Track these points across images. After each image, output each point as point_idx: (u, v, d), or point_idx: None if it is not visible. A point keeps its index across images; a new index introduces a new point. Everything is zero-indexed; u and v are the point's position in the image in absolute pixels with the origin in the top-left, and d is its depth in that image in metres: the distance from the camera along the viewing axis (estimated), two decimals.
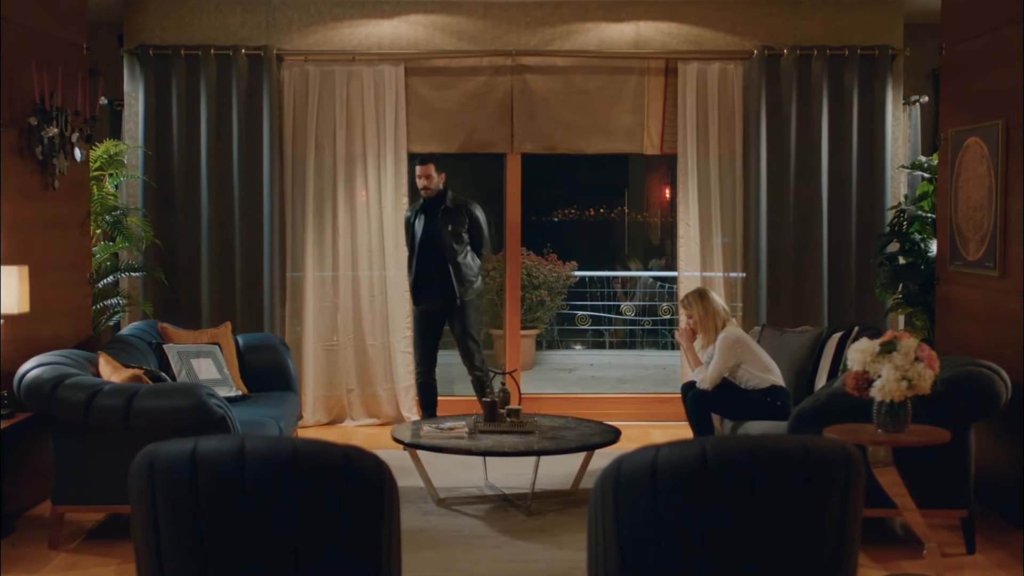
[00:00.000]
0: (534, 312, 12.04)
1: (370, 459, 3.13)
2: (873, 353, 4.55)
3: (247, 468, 2.98)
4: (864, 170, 7.95)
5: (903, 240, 7.24)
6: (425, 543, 5.25)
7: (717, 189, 8.10)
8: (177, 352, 6.36)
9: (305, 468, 3.00)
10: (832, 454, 3.12)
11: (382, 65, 8.01)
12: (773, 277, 7.99)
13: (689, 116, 8.02)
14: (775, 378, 6.15)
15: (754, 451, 3.06)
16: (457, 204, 7.40)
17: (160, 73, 7.87)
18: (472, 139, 8.17)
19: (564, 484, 6.17)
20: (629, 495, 3.08)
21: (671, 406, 8.03)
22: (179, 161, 7.89)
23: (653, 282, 13.51)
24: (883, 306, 7.69)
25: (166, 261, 7.83)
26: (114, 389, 5.04)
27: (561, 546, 5.22)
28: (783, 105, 7.96)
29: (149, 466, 3.06)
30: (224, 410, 5.10)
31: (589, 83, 8.12)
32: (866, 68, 7.93)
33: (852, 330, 6.41)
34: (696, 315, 6.28)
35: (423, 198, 7.39)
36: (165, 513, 3.03)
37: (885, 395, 4.52)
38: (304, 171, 8.05)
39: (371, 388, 8.13)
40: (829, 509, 3.08)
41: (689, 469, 3.00)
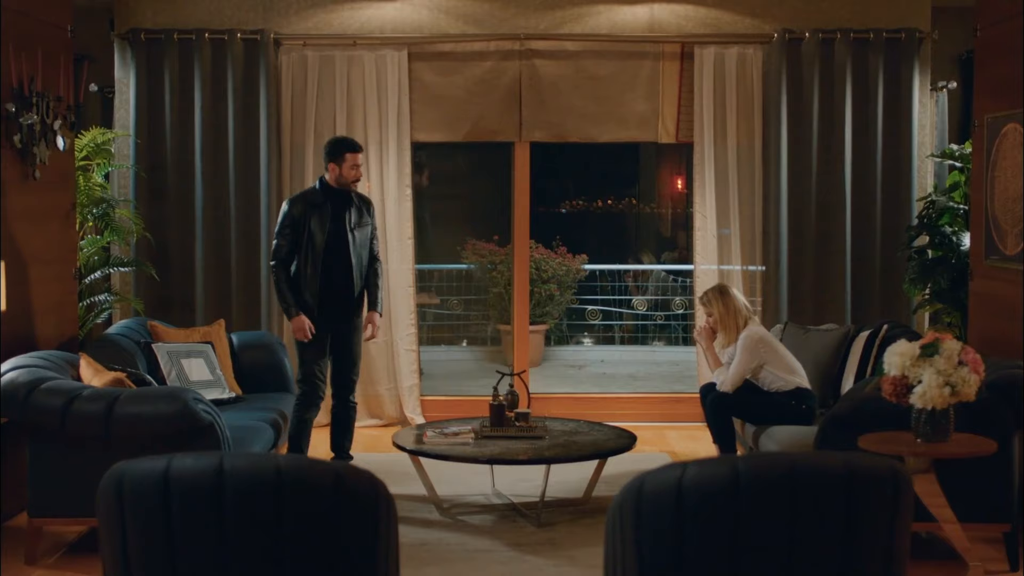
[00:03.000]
0: (543, 307, 11.78)
1: (363, 478, 2.85)
2: (913, 356, 4.22)
3: (226, 489, 2.70)
4: (890, 159, 7.68)
5: (933, 233, 6.94)
6: (427, 558, 4.94)
7: (735, 179, 7.84)
8: (167, 352, 6.06)
9: (291, 490, 2.72)
10: (879, 473, 2.82)
11: (384, 50, 7.74)
12: (794, 271, 7.73)
13: (706, 103, 7.75)
14: (800, 380, 5.84)
15: (792, 470, 2.77)
16: (363, 200, 6.36)
17: (152, 58, 7.60)
18: (479, 127, 7.90)
19: (576, 492, 5.86)
20: (652, 518, 2.82)
21: (687, 406, 7.83)
22: (172, 151, 7.63)
23: (666, 276, 13.23)
24: (910, 302, 7.40)
25: (158, 255, 7.58)
26: (94, 394, 4.74)
27: (573, 561, 4.91)
28: (805, 91, 7.68)
29: (117, 486, 2.79)
30: (212, 416, 4.79)
31: (601, 68, 7.84)
32: (892, 52, 7.65)
33: (880, 328, 6.13)
34: (716, 313, 5.98)
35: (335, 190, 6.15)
36: (135, 539, 2.76)
37: (926, 402, 4.19)
38: (303, 161, 7.78)
39: (373, 388, 7.89)
40: (875, 535, 2.79)
41: (719, 490, 2.73)
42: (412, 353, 7.87)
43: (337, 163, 6.12)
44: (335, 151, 6.15)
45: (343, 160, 6.12)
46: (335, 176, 6.14)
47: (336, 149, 6.15)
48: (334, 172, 6.14)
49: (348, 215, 6.16)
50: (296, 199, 6.21)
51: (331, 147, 6.19)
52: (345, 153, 6.13)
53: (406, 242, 7.80)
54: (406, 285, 7.83)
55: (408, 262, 7.82)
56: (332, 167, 6.14)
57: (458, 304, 12.60)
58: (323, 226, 6.09)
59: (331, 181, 6.15)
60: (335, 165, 6.12)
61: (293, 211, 6.09)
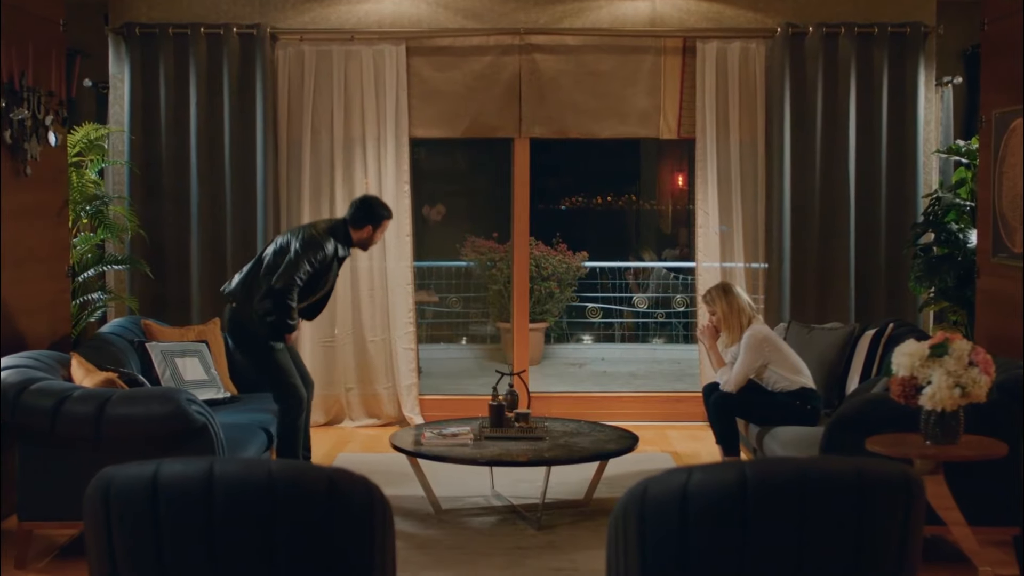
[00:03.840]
0: (543, 305, 11.69)
1: (358, 484, 2.75)
2: (922, 357, 4.13)
3: (216, 496, 2.62)
4: (894, 155, 7.58)
5: (939, 230, 6.85)
6: (425, 562, 4.85)
7: (737, 176, 7.75)
8: (161, 351, 5.97)
9: (283, 495, 2.63)
10: (890, 479, 2.75)
11: (382, 44, 7.64)
12: (797, 269, 7.64)
13: (708, 98, 7.65)
14: (805, 380, 5.75)
15: (801, 476, 2.69)
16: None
17: (147, 53, 7.50)
18: (478, 123, 7.80)
19: (577, 494, 5.76)
20: (656, 524, 2.72)
21: (689, 405, 7.76)
22: (167, 147, 7.53)
23: (667, 273, 13.14)
24: (916, 300, 7.31)
25: (153, 253, 7.48)
26: (84, 395, 4.65)
27: (574, 565, 4.82)
28: (808, 86, 7.58)
29: (104, 492, 2.71)
30: (206, 417, 4.70)
31: (602, 63, 7.75)
32: (897, 46, 7.55)
33: (886, 327, 6.05)
34: (719, 311, 5.89)
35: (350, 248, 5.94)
36: (123, 547, 2.68)
37: (936, 404, 4.10)
38: (300, 157, 7.69)
39: (371, 387, 7.80)
40: (886, 543, 2.72)
41: (726, 496, 2.65)
42: (411, 352, 7.78)
43: (375, 226, 5.86)
44: (376, 216, 5.84)
45: (380, 227, 5.88)
46: (362, 238, 5.87)
47: (377, 214, 5.84)
48: (367, 233, 5.84)
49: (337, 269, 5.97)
50: (331, 241, 5.75)
51: (371, 210, 5.85)
52: (384, 220, 5.89)
53: (404, 240, 7.71)
54: (404, 283, 7.75)
55: (407, 259, 7.74)
56: (368, 229, 5.85)
57: (457, 302, 12.52)
58: (334, 279, 5.90)
59: (355, 239, 5.87)
60: (372, 228, 5.85)
61: (329, 256, 5.74)
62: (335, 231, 5.81)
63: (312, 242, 5.67)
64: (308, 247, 5.65)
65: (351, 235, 5.84)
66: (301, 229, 5.85)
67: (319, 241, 5.69)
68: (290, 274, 5.60)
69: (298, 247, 5.65)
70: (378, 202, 5.97)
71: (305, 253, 5.63)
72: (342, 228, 5.84)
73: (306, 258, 5.63)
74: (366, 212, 5.84)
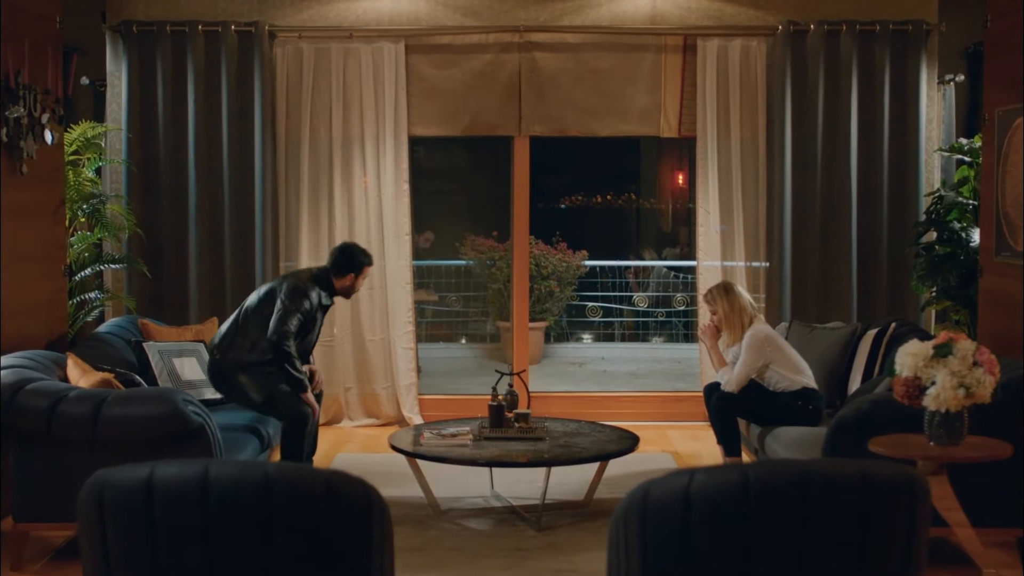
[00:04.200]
0: (543, 304, 11.65)
1: (356, 486, 2.71)
2: (926, 357, 4.09)
3: (212, 499, 2.58)
4: (896, 154, 7.54)
5: (941, 229, 6.81)
6: (424, 563, 4.80)
7: (738, 174, 7.71)
8: (158, 351, 5.93)
9: (280, 498, 2.60)
10: (895, 482, 2.71)
11: (381, 42, 7.59)
12: (798, 268, 7.60)
13: (709, 96, 7.61)
14: (807, 380, 5.72)
15: (804, 478, 2.65)
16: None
17: (144, 51, 7.46)
18: (477, 121, 7.76)
19: (577, 494, 5.72)
20: (658, 527, 2.68)
21: (690, 405, 7.73)
22: (164, 145, 7.49)
23: (667, 272, 13.10)
24: (918, 300, 7.27)
25: (151, 252, 7.44)
26: (80, 395, 4.60)
27: (574, 566, 4.78)
28: (809, 84, 7.54)
29: (99, 495, 2.68)
30: (203, 418, 4.66)
31: (602, 61, 7.71)
32: (898, 44, 7.51)
33: (888, 326, 6.01)
34: (721, 311, 5.85)
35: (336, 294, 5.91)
36: (117, 550, 2.64)
37: (940, 404, 4.06)
38: (298, 155, 7.65)
39: (370, 387, 7.76)
40: (890, 547, 2.68)
41: (728, 499, 2.61)
42: (410, 351, 7.73)
43: (356, 274, 5.82)
44: (357, 264, 5.80)
45: (362, 274, 5.85)
46: (345, 286, 5.82)
47: (358, 262, 5.80)
48: (349, 281, 5.80)
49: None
50: (315, 290, 5.72)
51: (352, 258, 5.82)
52: (365, 267, 5.85)
53: (403, 238, 7.67)
54: (404, 282, 7.71)
55: (406, 259, 7.70)
56: (350, 277, 5.80)
57: (457, 301, 12.48)
58: (319, 329, 5.89)
59: (338, 287, 5.82)
60: (354, 276, 5.81)
61: (314, 305, 5.71)
62: (319, 280, 5.78)
63: (297, 291, 5.65)
64: (294, 297, 5.63)
65: (334, 284, 5.81)
66: (285, 279, 5.80)
67: (304, 290, 5.67)
68: (282, 324, 5.58)
69: (284, 298, 5.62)
70: (358, 249, 5.94)
71: (292, 303, 5.61)
72: (325, 277, 5.81)
73: (294, 307, 5.61)
74: (348, 260, 5.82)
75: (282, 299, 5.62)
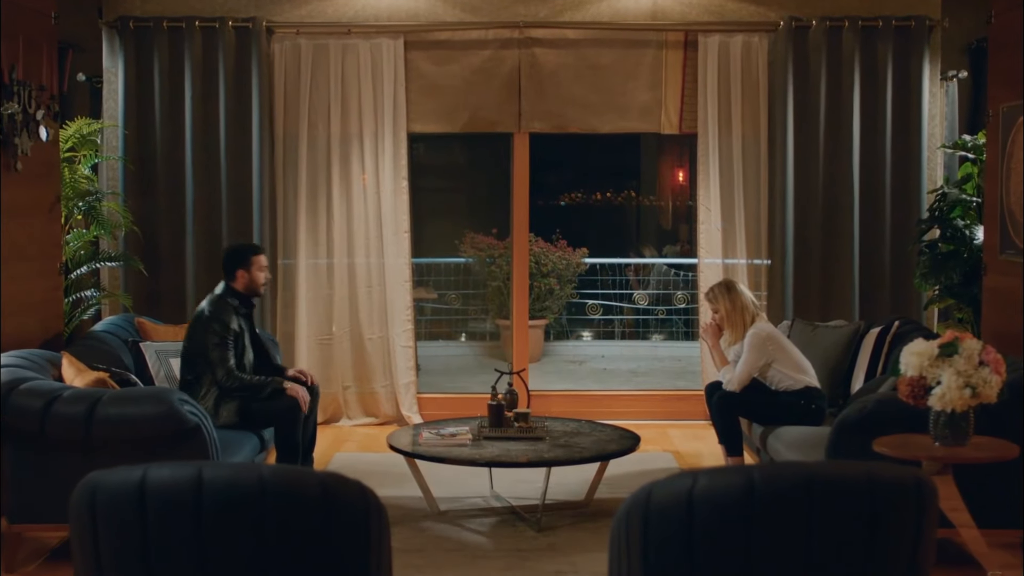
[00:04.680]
0: (543, 301, 11.59)
1: (352, 488, 2.67)
2: (931, 356, 4.03)
3: (205, 502, 2.53)
4: (899, 151, 7.48)
5: (944, 226, 6.75)
6: (423, 564, 4.75)
7: (740, 171, 7.65)
8: (155, 350, 5.87)
9: (274, 501, 2.55)
10: (902, 484, 2.65)
11: (380, 38, 7.53)
12: (800, 265, 7.55)
13: (710, 93, 7.55)
14: (809, 379, 5.67)
15: (809, 481, 2.60)
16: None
17: (141, 47, 7.39)
18: (477, 118, 7.70)
19: (577, 494, 5.67)
20: (660, 530, 2.63)
21: (690, 403, 7.69)
22: (161, 142, 7.42)
23: (667, 269, 13.04)
24: (920, 298, 7.22)
25: (147, 250, 7.39)
26: (75, 395, 4.55)
27: (575, 568, 4.73)
28: (812, 81, 7.48)
29: (90, 497, 2.63)
30: (199, 418, 4.61)
31: (603, 57, 7.65)
32: (901, 40, 7.45)
33: (892, 325, 5.95)
34: (722, 309, 5.79)
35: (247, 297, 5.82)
36: (109, 554, 2.60)
37: (945, 404, 4.00)
38: (296, 152, 7.59)
39: (369, 385, 7.70)
40: (898, 550, 2.63)
41: (732, 502, 2.56)
42: (408, 349, 7.68)
43: (245, 267, 5.76)
44: (238, 258, 5.77)
45: (251, 263, 5.77)
46: (245, 283, 5.77)
47: (238, 257, 5.78)
48: (243, 278, 5.75)
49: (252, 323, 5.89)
50: (227, 311, 5.66)
51: (233, 256, 5.80)
52: (251, 256, 5.79)
53: (402, 236, 7.61)
54: (402, 280, 7.65)
55: (405, 256, 7.64)
56: (241, 274, 5.75)
57: (456, 298, 12.42)
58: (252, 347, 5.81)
59: (241, 287, 5.77)
60: (244, 270, 5.76)
61: (232, 325, 5.65)
62: (222, 299, 5.72)
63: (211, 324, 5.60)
64: (213, 331, 5.58)
65: (235, 289, 5.76)
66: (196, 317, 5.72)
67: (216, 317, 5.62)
68: (223, 364, 5.55)
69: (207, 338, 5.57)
70: (235, 246, 5.96)
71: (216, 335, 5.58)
72: (226, 290, 5.76)
73: (220, 341, 5.57)
74: (228, 261, 5.80)
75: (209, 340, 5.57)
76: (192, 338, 5.65)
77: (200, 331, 5.61)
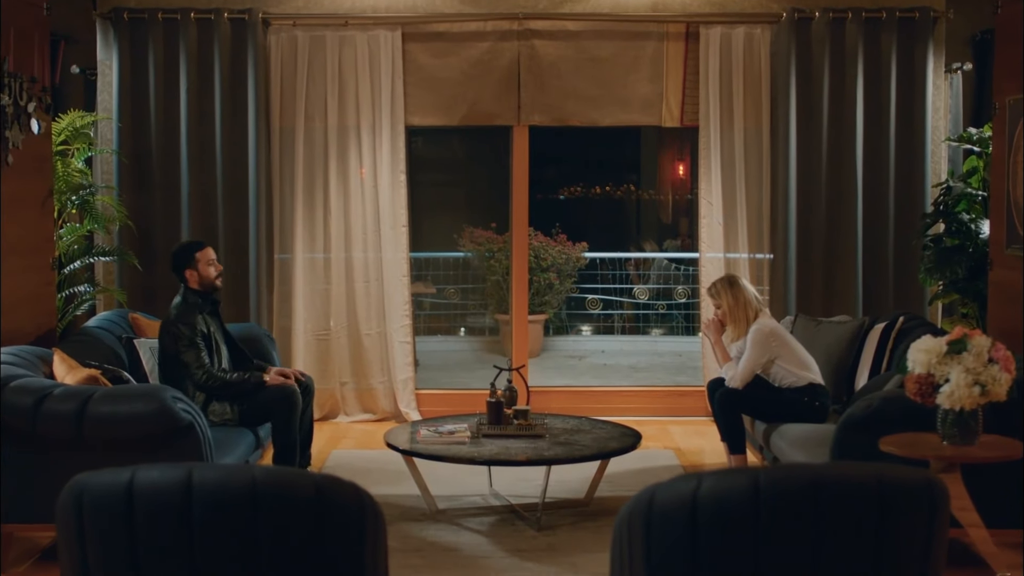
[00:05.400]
0: (542, 296, 11.52)
1: (348, 491, 2.59)
2: (940, 353, 3.95)
3: (195, 505, 2.46)
4: (903, 144, 7.40)
5: (949, 220, 6.66)
6: (420, 565, 4.67)
7: (742, 165, 7.57)
8: (149, 347, 5.78)
9: (267, 505, 2.47)
10: (913, 487, 2.58)
11: (377, 30, 7.44)
12: (803, 260, 7.47)
13: (712, 85, 7.47)
14: (813, 375, 5.58)
15: (817, 484, 2.53)
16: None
17: (135, 39, 7.30)
18: (475, 111, 7.61)
19: (578, 493, 5.59)
20: (663, 534, 2.56)
21: (692, 399, 7.62)
22: (156, 135, 7.34)
23: (668, 264, 12.96)
24: (924, 293, 7.14)
25: (142, 244, 7.30)
26: (65, 393, 4.46)
27: (575, 569, 4.64)
28: (814, 73, 7.39)
29: (77, 500, 2.57)
30: (192, 416, 4.53)
31: (603, 49, 7.56)
32: (905, 32, 7.36)
33: (896, 320, 5.86)
34: (725, 305, 5.71)
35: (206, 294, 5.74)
36: (96, 559, 2.53)
37: (954, 403, 3.92)
38: (293, 145, 7.50)
39: (366, 381, 7.63)
40: (908, 555, 2.56)
41: (738, 504, 2.49)
42: (407, 345, 7.60)
43: (190, 264, 5.68)
44: (183, 257, 5.69)
45: (196, 260, 5.68)
46: (197, 278, 5.68)
47: (184, 255, 5.69)
48: (194, 275, 5.66)
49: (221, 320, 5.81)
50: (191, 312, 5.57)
51: (178, 256, 5.72)
52: (195, 252, 5.70)
53: (400, 230, 7.53)
54: (400, 275, 7.57)
55: (403, 251, 7.56)
56: (191, 272, 5.67)
57: (455, 293, 12.35)
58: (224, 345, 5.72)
59: (195, 285, 5.68)
60: (191, 267, 5.68)
61: (199, 326, 5.56)
62: (184, 301, 5.65)
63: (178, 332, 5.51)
64: (181, 335, 5.51)
65: (191, 286, 5.68)
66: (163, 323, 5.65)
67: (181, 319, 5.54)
68: (199, 366, 5.48)
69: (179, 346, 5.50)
70: (177, 247, 5.87)
71: (185, 338, 5.50)
72: (185, 292, 5.69)
73: (191, 344, 5.50)
74: (174, 263, 5.72)
75: (178, 349, 5.50)
76: (162, 346, 5.59)
77: (167, 337, 5.55)
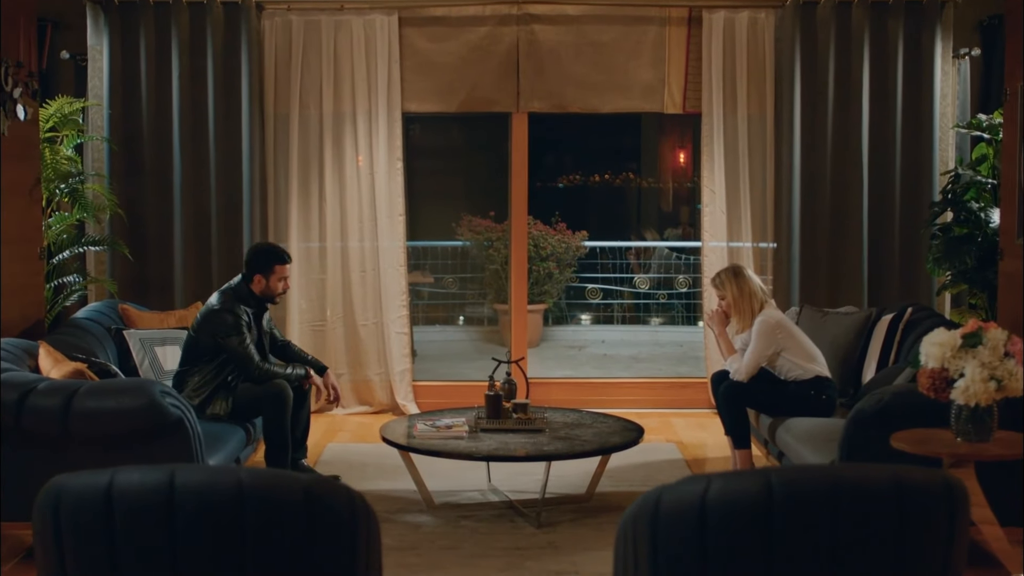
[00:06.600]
0: (541, 285, 11.40)
1: (339, 494, 2.49)
2: (954, 347, 3.82)
3: (178, 509, 2.35)
4: (910, 131, 7.28)
5: (958, 209, 6.53)
6: (417, 563, 4.55)
7: (745, 152, 7.44)
8: (139, 339, 5.66)
9: (254, 508, 2.37)
10: (932, 489, 2.48)
11: (373, 14, 7.32)
12: (807, 249, 7.36)
13: (715, 71, 7.34)
14: (820, 368, 5.46)
15: (832, 486, 2.43)
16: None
17: (126, 24, 7.15)
18: (473, 97, 7.48)
19: (578, 488, 5.46)
20: (671, 538, 2.46)
21: (694, 391, 7.51)
22: (148, 122, 7.20)
23: (669, 253, 12.84)
24: (932, 283, 7.01)
25: (133, 233, 7.17)
26: (50, 387, 4.34)
27: (576, 568, 4.52)
28: (820, 59, 7.27)
29: (54, 503, 2.44)
30: (181, 411, 4.40)
31: (604, 34, 7.43)
32: (912, 17, 7.24)
33: (904, 311, 5.74)
34: (730, 296, 5.57)
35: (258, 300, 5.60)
36: (74, 563, 2.42)
37: (969, 398, 3.79)
38: (287, 132, 7.38)
39: (363, 373, 7.51)
40: (926, 559, 2.46)
41: (749, 508, 2.39)
42: (404, 336, 7.48)
43: (265, 275, 5.53)
44: (259, 265, 5.53)
45: (272, 273, 5.54)
46: (261, 290, 5.55)
47: (264, 262, 5.54)
48: (259, 285, 5.53)
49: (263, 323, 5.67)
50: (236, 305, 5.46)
51: (258, 259, 5.57)
52: (276, 266, 5.55)
53: (397, 219, 7.42)
54: (397, 264, 7.45)
55: (399, 240, 7.44)
56: (258, 279, 5.52)
57: (453, 283, 12.23)
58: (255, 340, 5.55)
59: (257, 290, 5.55)
60: (263, 277, 5.53)
61: (243, 316, 5.45)
62: (238, 289, 5.52)
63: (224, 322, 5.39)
64: (226, 328, 5.39)
65: (252, 287, 5.54)
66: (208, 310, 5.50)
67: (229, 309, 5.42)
68: (247, 359, 5.38)
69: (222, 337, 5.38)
70: (264, 249, 5.68)
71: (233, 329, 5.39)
72: (240, 285, 5.54)
73: (236, 334, 5.38)
74: (251, 262, 5.57)
75: (221, 340, 5.38)
76: (201, 330, 5.42)
77: (211, 324, 5.39)
